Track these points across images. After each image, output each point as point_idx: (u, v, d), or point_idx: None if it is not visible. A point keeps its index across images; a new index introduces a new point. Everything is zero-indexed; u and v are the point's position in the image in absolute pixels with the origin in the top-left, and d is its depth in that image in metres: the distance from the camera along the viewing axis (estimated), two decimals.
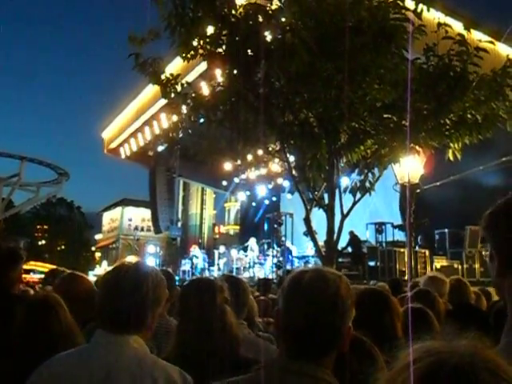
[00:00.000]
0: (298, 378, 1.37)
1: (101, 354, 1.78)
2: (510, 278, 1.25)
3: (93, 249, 54.29)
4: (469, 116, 8.21)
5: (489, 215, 1.32)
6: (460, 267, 15.15)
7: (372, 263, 15.99)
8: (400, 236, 16.27)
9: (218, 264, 21.02)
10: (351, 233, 15.72)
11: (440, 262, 15.51)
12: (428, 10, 7.85)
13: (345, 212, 8.88)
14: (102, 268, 39.15)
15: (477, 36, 8.53)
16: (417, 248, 14.70)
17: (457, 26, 9.02)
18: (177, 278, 22.30)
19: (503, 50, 11.26)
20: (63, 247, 55.21)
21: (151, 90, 19.45)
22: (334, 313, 1.45)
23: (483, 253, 13.82)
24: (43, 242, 55.05)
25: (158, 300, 1.92)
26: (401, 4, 7.73)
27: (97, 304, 1.99)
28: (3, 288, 2.92)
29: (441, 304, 4.02)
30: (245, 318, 3.36)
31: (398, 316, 2.59)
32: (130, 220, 47.04)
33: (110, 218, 51.46)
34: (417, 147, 8.62)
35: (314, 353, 1.44)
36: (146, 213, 39.09)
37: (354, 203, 9.06)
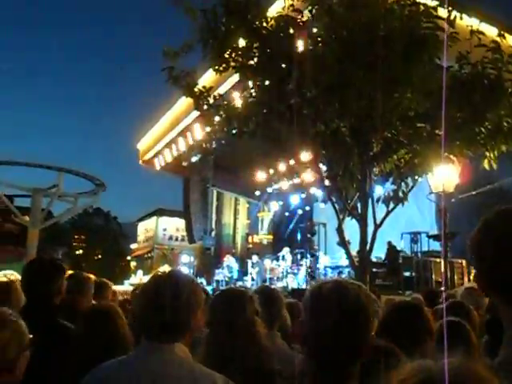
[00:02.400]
0: None
1: (146, 362, 1.81)
2: (496, 298, 1.26)
3: (128, 258, 55.04)
4: (505, 124, 8.06)
5: (476, 232, 1.32)
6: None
7: (407, 273, 15.72)
8: (435, 246, 15.97)
9: (251, 273, 21.02)
10: (389, 243, 15.53)
11: None
12: (461, 18, 7.78)
13: (378, 222, 8.81)
14: (137, 277, 39.62)
15: None
16: (453, 258, 14.40)
17: (491, 32, 8.89)
18: (210, 287, 22.40)
19: None
20: (100, 257, 56.17)
21: (185, 101, 19.72)
22: (355, 321, 1.47)
23: None
24: (80, 251, 56.14)
25: (197, 306, 1.95)
26: (433, 13, 7.67)
27: (137, 314, 2.03)
28: (44, 299, 2.99)
29: (476, 317, 3.94)
30: (279, 329, 3.37)
31: (428, 331, 2.56)
32: (165, 230, 47.53)
33: (144, 228, 52.12)
34: (451, 156, 8.50)
35: (339, 363, 1.46)
36: (180, 223, 39.48)
37: (388, 213, 8.98)
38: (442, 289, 12.65)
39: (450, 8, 7.58)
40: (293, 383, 1.63)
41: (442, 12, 7.85)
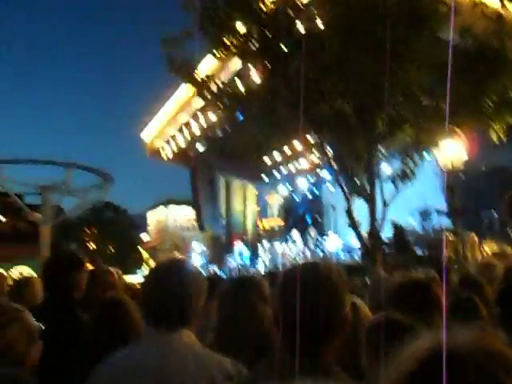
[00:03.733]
0: (300, 372, 1.40)
1: (153, 350, 1.82)
2: None
3: (140, 249, 55.38)
4: (510, 95, 7.97)
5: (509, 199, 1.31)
6: None
7: (419, 251, 15.70)
8: (447, 222, 15.91)
9: (262, 258, 21.10)
10: (392, 222, 15.50)
11: (490, 247, 15.09)
12: None
13: (387, 201, 8.79)
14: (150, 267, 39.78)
15: None
16: (464, 234, 14.33)
17: (494, 2, 8.74)
18: (223, 274, 22.52)
19: None
20: (113, 250, 56.56)
21: (188, 89, 19.67)
22: (328, 299, 1.49)
23: None
24: (93, 245, 56.56)
25: (201, 293, 1.96)
26: None
27: (142, 302, 2.05)
28: (63, 293, 2.98)
29: (489, 291, 3.93)
30: None
31: (437, 307, 2.57)
32: (175, 220, 47.71)
33: (155, 219, 52.33)
34: (457, 129, 8.43)
35: (313, 342, 1.47)
36: (190, 212, 39.61)
37: (396, 192, 8.95)
38: (454, 266, 12.64)
39: None
40: None
41: None
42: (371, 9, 7.43)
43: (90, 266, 4.16)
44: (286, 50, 8.43)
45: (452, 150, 8.97)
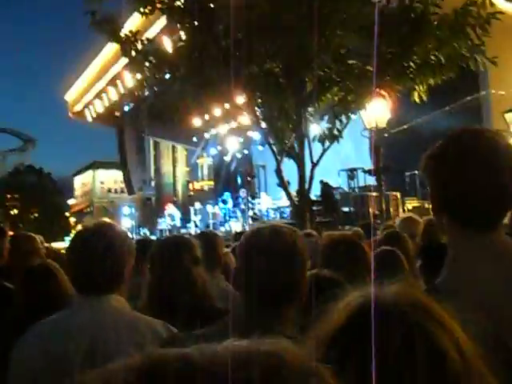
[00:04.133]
0: (258, 332, 1.43)
1: (84, 316, 1.79)
2: (445, 218, 1.33)
3: (67, 214, 53.76)
4: (432, 57, 8.23)
5: (425, 159, 1.37)
6: (431, 206, 15.43)
7: (346, 209, 16.22)
8: (372, 181, 16.48)
9: (194, 221, 21.11)
10: (321, 182, 15.88)
11: (412, 204, 15.83)
12: None
13: (315, 161, 8.96)
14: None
15: None
16: (388, 192, 14.94)
17: None
18: (154, 237, 22.35)
19: None
20: (36, 215, 54.52)
21: (113, 47, 18.90)
22: (292, 265, 1.51)
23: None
24: (15, 211, 54.23)
25: (129, 256, 1.93)
26: None
27: (68, 267, 2.00)
28: None
29: (409, 244, 4.15)
30: (223, 272, 3.42)
31: (365, 264, 2.68)
32: (102, 183, 46.58)
33: (81, 183, 50.86)
34: (382, 91, 8.65)
35: (275, 305, 1.50)
36: (117, 174, 38.72)
37: (324, 151, 9.13)
38: (378, 221, 13.18)
39: None
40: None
41: None
42: None
43: (11, 233, 3.99)
44: (212, 6, 8.24)
45: (377, 110, 9.21)
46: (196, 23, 8.46)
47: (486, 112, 13.44)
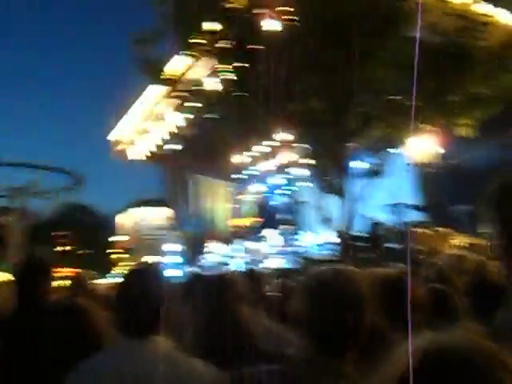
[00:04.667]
0: (326, 375, 1.41)
1: (129, 356, 1.82)
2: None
3: (111, 251, 54.71)
4: (478, 91, 8.13)
5: (498, 191, 1.31)
6: (483, 244, 14.93)
7: (390, 245, 15.91)
8: (417, 216, 16.15)
9: (236, 257, 21.09)
10: (366, 216, 15.67)
11: (460, 240, 15.37)
12: None
13: (357, 197, 8.88)
14: (122, 270, 39.30)
15: (482, 7, 8.37)
16: (435, 227, 14.57)
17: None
18: (199, 273, 22.35)
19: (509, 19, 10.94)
20: (82, 252, 55.74)
21: (158, 88, 19.48)
22: (358, 310, 1.50)
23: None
24: (63, 248, 55.61)
25: (172, 299, 1.97)
26: None
27: (115, 309, 2.04)
28: (31, 298, 2.93)
29: (458, 282, 4.02)
30: (266, 308, 3.40)
31: (412, 302, 2.60)
32: (147, 220, 47.27)
33: (127, 220, 51.76)
34: (425, 126, 8.57)
35: (339, 350, 1.49)
36: (162, 212, 39.28)
37: (367, 187, 9.04)
38: (425, 257, 12.83)
39: None
40: (281, 362, 1.65)
41: None
42: (344, 8, 7.48)
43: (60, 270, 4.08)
44: (257, 47, 8.43)
45: (421, 146, 9.11)
46: (242, 64, 8.65)
47: None
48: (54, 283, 3.56)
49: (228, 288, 2.50)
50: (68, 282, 4.01)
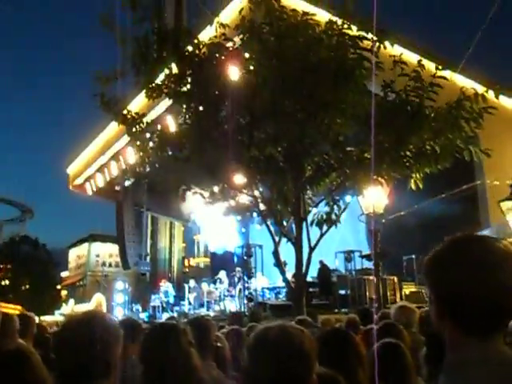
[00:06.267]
0: None
1: None
2: (447, 323, 1.34)
3: (58, 287, 52.85)
4: (427, 147, 8.49)
5: (427, 261, 1.41)
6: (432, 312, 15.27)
7: (342, 291, 16.07)
8: (369, 264, 16.44)
9: (188, 298, 20.79)
10: (321, 262, 15.83)
11: (409, 288, 15.70)
12: (385, 48, 8.15)
13: (312, 244, 8.99)
14: (69, 306, 38.11)
15: (432, 68, 8.87)
16: (385, 275, 14.86)
17: (413, 59, 9.36)
18: (146, 314, 21.90)
19: (460, 80, 11.63)
20: (27, 286, 53.59)
21: (116, 125, 19.43)
22: (300, 367, 1.52)
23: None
24: (7, 282, 53.35)
25: (114, 343, 1.93)
26: (359, 43, 8.03)
27: (56, 358, 2.00)
28: None
29: (407, 336, 4.10)
30: (215, 359, 3.35)
31: (360, 358, 2.65)
32: (98, 256, 46.17)
33: (76, 255, 50.39)
34: (379, 178, 8.85)
35: None
36: (113, 248, 38.49)
37: (321, 235, 9.18)
38: (375, 305, 13.02)
39: (373, 38, 7.97)
40: None
41: (367, 43, 8.21)
42: (301, 60, 7.75)
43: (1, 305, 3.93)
44: (217, 93, 8.58)
45: (374, 196, 9.38)
46: (201, 108, 8.77)
47: (482, 200, 13.67)
48: None
49: (182, 337, 2.48)
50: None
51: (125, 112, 9.35)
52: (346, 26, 8.20)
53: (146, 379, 2.39)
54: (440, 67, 8.16)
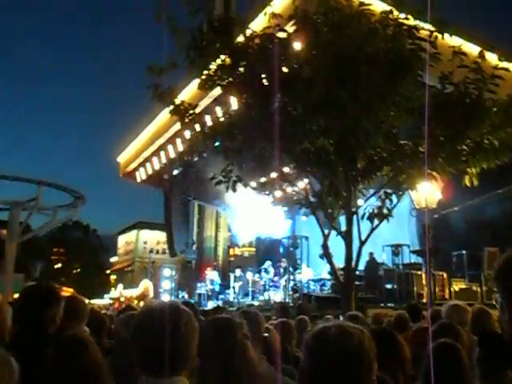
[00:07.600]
0: None
1: None
2: None
3: (108, 272, 54.37)
4: (486, 142, 8.22)
5: (499, 266, 1.35)
6: (479, 290, 14.96)
7: (389, 286, 15.84)
8: (416, 259, 16.13)
9: (233, 287, 20.96)
10: (370, 254, 15.66)
11: (458, 285, 15.33)
12: (443, 38, 7.91)
13: (363, 238, 8.87)
14: (118, 291, 39.12)
15: (493, 60, 8.54)
16: (434, 271, 14.54)
17: (473, 51, 9.04)
18: (192, 301, 22.23)
19: None
20: (79, 270, 55.38)
21: (167, 114, 19.67)
22: (360, 369, 1.50)
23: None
24: (59, 265, 55.28)
25: (194, 336, 1.92)
26: (416, 34, 7.81)
27: (133, 348, 1.98)
28: (38, 328, 2.92)
29: (465, 337, 3.99)
30: (265, 352, 3.35)
31: (402, 362, 2.62)
32: (145, 243, 47.15)
33: (125, 241, 51.63)
34: (434, 173, 8.63)
35: None
36: (161, 236, 39.25)
37: (372, 229, 9.04)
38: (425, 301, 12.78)
39: (432, 29, 7.74)
40: None
41: (425, 33, 7.98)
42: (357, 51, 7.61)
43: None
44: (268, 85, 8.53)
45: (427, 191, 9.17)
46: (251, 100, 8.76)
47: None
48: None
49: (239, 330, 2.47)
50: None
51: (178, 102, 9.43)
52: (402, 16, 7.99)
53: (203, 373, 2.40)
54: (502, 58, 7.84)
